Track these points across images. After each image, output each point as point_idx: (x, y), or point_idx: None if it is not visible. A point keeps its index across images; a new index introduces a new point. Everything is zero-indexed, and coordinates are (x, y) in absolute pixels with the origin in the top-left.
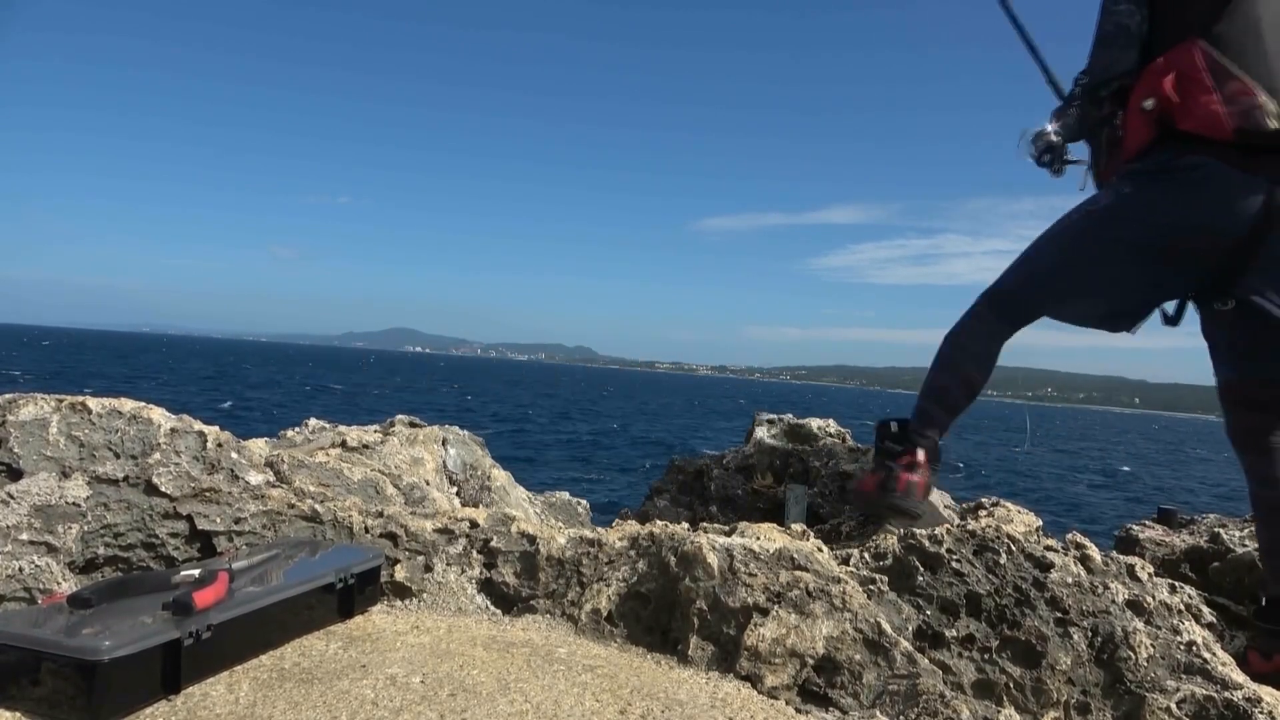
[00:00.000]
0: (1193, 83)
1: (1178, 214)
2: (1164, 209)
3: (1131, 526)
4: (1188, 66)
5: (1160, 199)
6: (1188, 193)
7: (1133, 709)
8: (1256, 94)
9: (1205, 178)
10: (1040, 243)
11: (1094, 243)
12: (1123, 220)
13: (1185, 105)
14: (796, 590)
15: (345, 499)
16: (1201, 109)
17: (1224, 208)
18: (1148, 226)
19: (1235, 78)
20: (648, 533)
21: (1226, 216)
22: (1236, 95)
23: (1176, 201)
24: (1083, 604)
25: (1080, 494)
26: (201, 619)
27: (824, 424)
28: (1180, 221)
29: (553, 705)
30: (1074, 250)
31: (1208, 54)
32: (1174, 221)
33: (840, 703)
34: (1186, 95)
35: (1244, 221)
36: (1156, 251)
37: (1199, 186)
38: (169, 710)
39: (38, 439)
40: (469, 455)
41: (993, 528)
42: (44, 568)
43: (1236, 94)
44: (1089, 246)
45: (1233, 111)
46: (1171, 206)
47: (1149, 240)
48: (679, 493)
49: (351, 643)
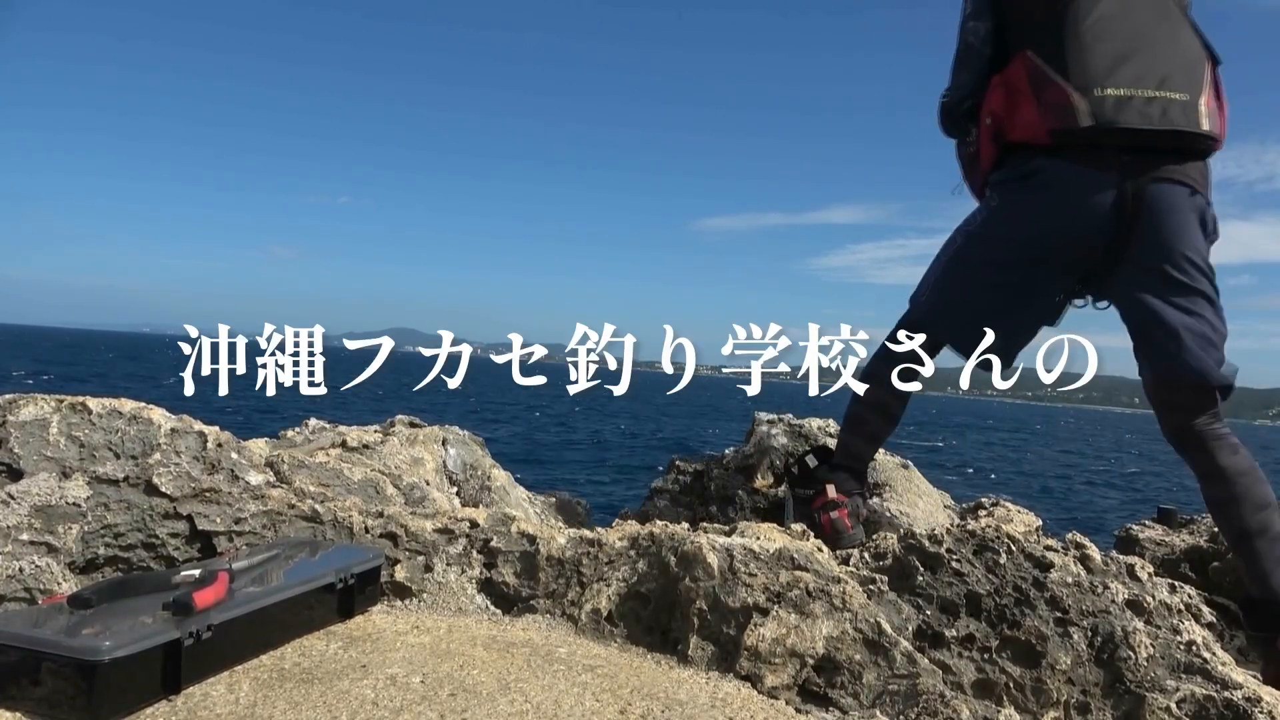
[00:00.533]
0: (1017, 93)
1: (1037, 218)
2: (1024, 216)
3: (1131, 526)
4: (1014, 78)
5: (1018, 206)
6: (1038, 196)
7: (1133, 709)
8: (1070, 95)
9: (1047, 181)
10: (933, 267)
11: (978, 264)
12: (994, 235)
13: (1011, 117)
14: (796, 590)
15: (345, 499)
16: (1024, 118)
17: (1073, 205)
18: (1016, 236)
19: (1053, 82)
20: (648, 533)
21: (1079, 213)
22: (1053, 99)
23: (1031, 206)
24: (1083, 604)
25: (1085, 493)
26: (202, 619)
27: (824, 424)
28: (1040, 224)
29: (553, 705)
30: (963, 275)
31: (1031, 64)
32: (1036, 226)
33: (840, 703)
34: (1012, 107)
35: (1101, 217)
36: (1032, 256)
37: (1045, 190)
38: (169, 710)
39: (38, 439)
40: (469, 455)
41: (993, 528)
42: (44, 568)
43: (1053, 98)
44: (975, 269)
45: (1049, 115)
46: (1029, 212)
47: (1022, 248)
48: (679, 493)
49: (351, 643)
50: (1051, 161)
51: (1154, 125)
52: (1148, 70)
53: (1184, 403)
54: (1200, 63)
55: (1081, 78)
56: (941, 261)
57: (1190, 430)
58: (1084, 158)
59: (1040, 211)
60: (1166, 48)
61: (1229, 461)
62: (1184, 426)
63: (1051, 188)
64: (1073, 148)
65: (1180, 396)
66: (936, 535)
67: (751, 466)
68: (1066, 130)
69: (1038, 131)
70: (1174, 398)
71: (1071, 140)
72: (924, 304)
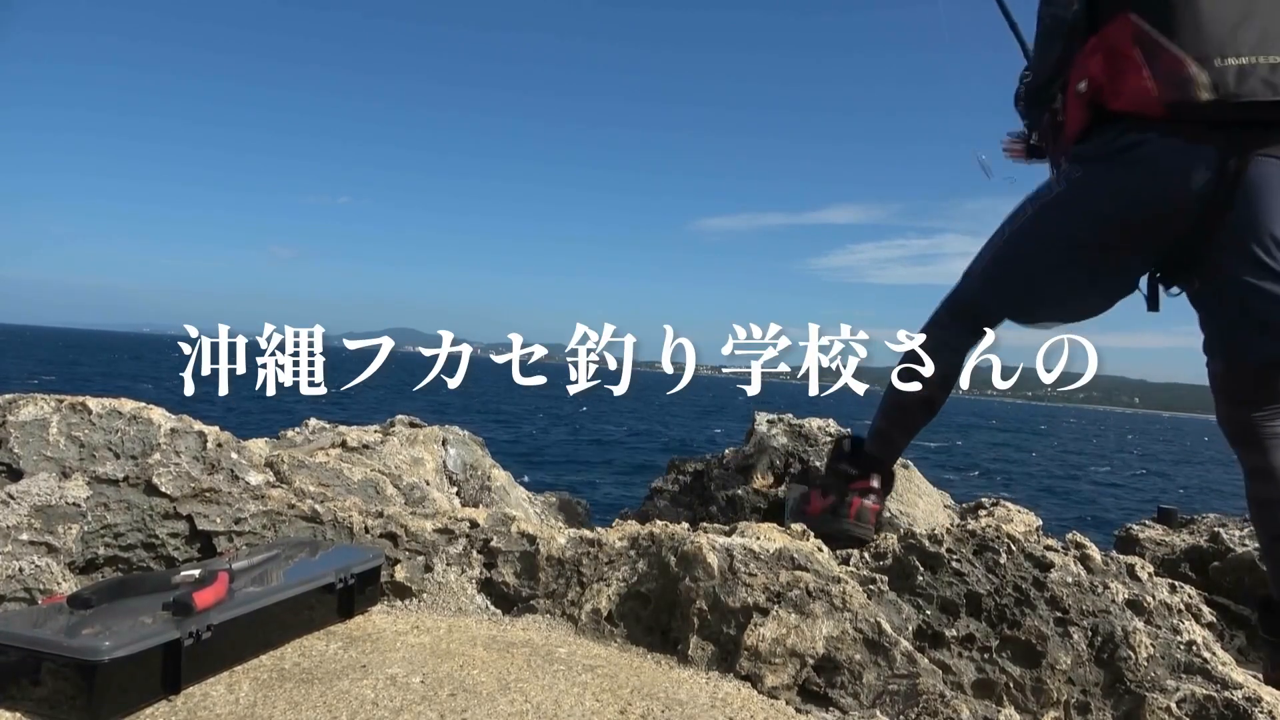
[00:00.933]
0: (1122, 59)
1: (1126, 197)
2: (1110, 193)
3: (1131, 526)
4: (1117, 42)
5: (1105, 183)
6: (1131, 173)
7: (1133, 709)
8: (1187, 66)
9: (1146, 155)
10: (997, 242)
11: (1049, 239)
12: (1072, 211)
13: (1115, 84)
14: (796, 590)
15: (345, 499)
16: (1131, 87)
17: (1171, 184)
18: (1098, 214)
19: (1166, 50)
20: (648, 533)
21: (1175, 192)
22: (1167, 69)
23: (1122, 184)
24: (1083, 604)
25: (1089, 492)
26: (201, 619)
27: (824, 424)
28: (1128, 204)
29: (553, 705)
30: (1030, 249)
31: (1137, 27)
32: (1123, 205)
33: (840, 703)
34: (1116, 73)
35: (1195, 196)
36: (1112, 238)
37: (1141, 165)
38: (169, 710)
39: (38, 439)
40: (469, 455)
41: (993, 527)
42: (44, 568)
43: (1167, 67)
44: (1044, 244)
45: (1163, 86)
46: (1118, 190)
47: (1102, 228)
48: (679, 493)
49: (351, 643)
50: (1155, 135)
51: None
52: (1268, 33)
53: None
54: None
55: (1198, 44)
56: (1005, 234)
57: (1251, 423)
58: (1193, 132)
59: (1133, 188)
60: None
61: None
62: (1247, 419)
63: (1149, 163)
64: (1185, 121)
65: (1255, 384)
66: (936, 535)
67: (751, 466)
68: (1188, 104)
69: (1150, 104)
70: (1247, 387)
71: (1188, 115)
72: (983, 279)
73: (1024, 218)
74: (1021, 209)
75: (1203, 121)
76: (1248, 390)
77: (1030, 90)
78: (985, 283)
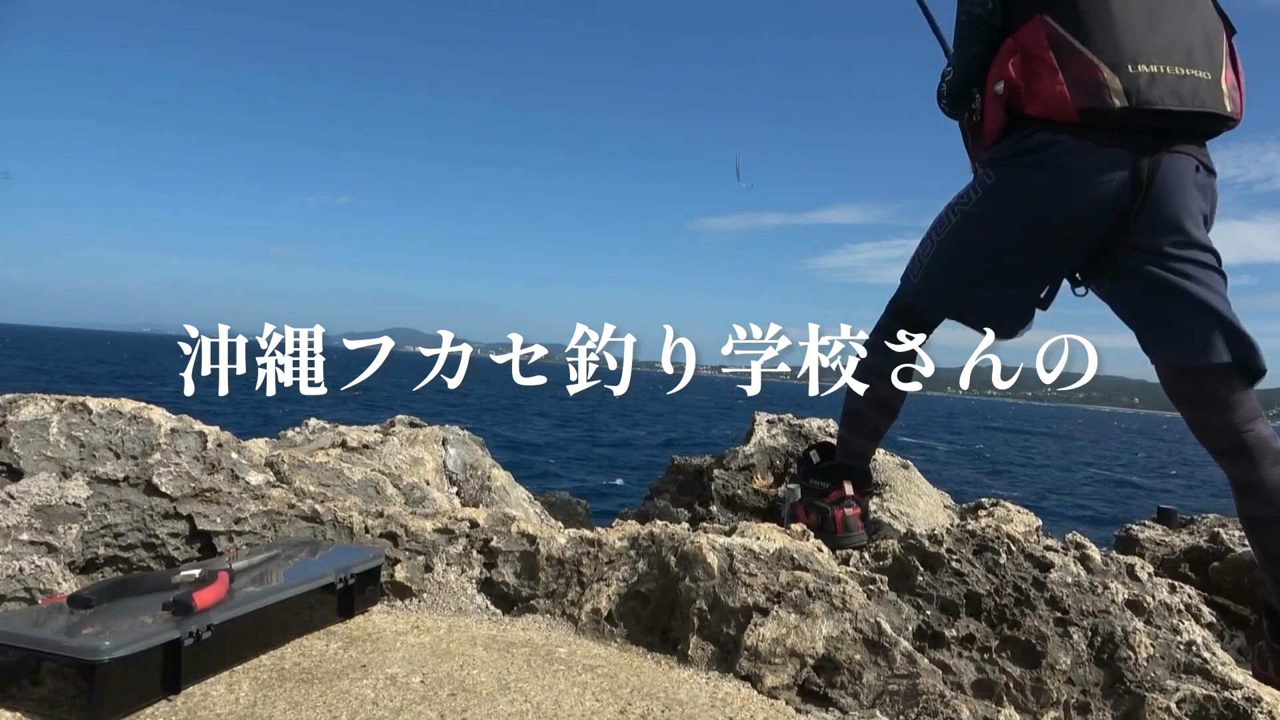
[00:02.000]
0: (1037, 61)
1: (1039, 200)
2: (1025, 196)
3: (1131, 526)
4: (1032, 45)
5: (1019, 186)
6: (1044, 175)
7: (1133, 709)
8: (1100, 71)
9: (1058, 156)
10: (924, 246)
11: (970, 243)
12: (991, 218)
13: (1030, 88)
14: (796, 590)
15: (345, 499)
16: (1046, 91)
17: (1083, 186)
18: (1015, 219)
19: (1079, 54)
20: (648, 533)
21: (1088, 194)
22: (1081, 74)
23: (1035, 186)
24: (1083, 604)
25: (1094, 493)
26: (201, 619)
27: (824, 424)
28: (1042, 206)
29: (553, 705)
30: (957, 257)
31: (1051, 29)
32: (1038, 207)
33: (840, 703)
34: (1031, 76)
35: (1109, 197)
36: (1031, 242)
37: (1053, 166)
38: (169, 710)
39: (38, 439)
40: (469, 455)
41: (993, 528)
42: (44, 568)
43: (1081, 73)
44: (967, 248)
45: (1077, 92)
46: (1031, 193)
47: (1020, 232)
48: (679, 493)
49: (351, 643)
50: (1067, 138)
51: (1187, 106)
52: (1175, 42)
53: (1207, 393)
54: (1218, 33)
55: (1110, 50)
56: (934, 242)
57: (1227, 430)
58: (1105, 137)
59: (1046, 191)
60: (1188, 16)
61: (1272, 474)
62: (1220, 426)
63: (1061, 166)
64: (1097, 127)
65: (1202, 386)
66: (936, 535)
67: (751, 466)
68: (1096, 110)
69: (1064, 109)
70: (1195, 388)
71: (1101, 121)
72: (917, 287)
73: (948, 227)
74: (944, 218)
75: (1114, 127)
76: (1207, 390)
77: (950, 90)
78: (919, 293)
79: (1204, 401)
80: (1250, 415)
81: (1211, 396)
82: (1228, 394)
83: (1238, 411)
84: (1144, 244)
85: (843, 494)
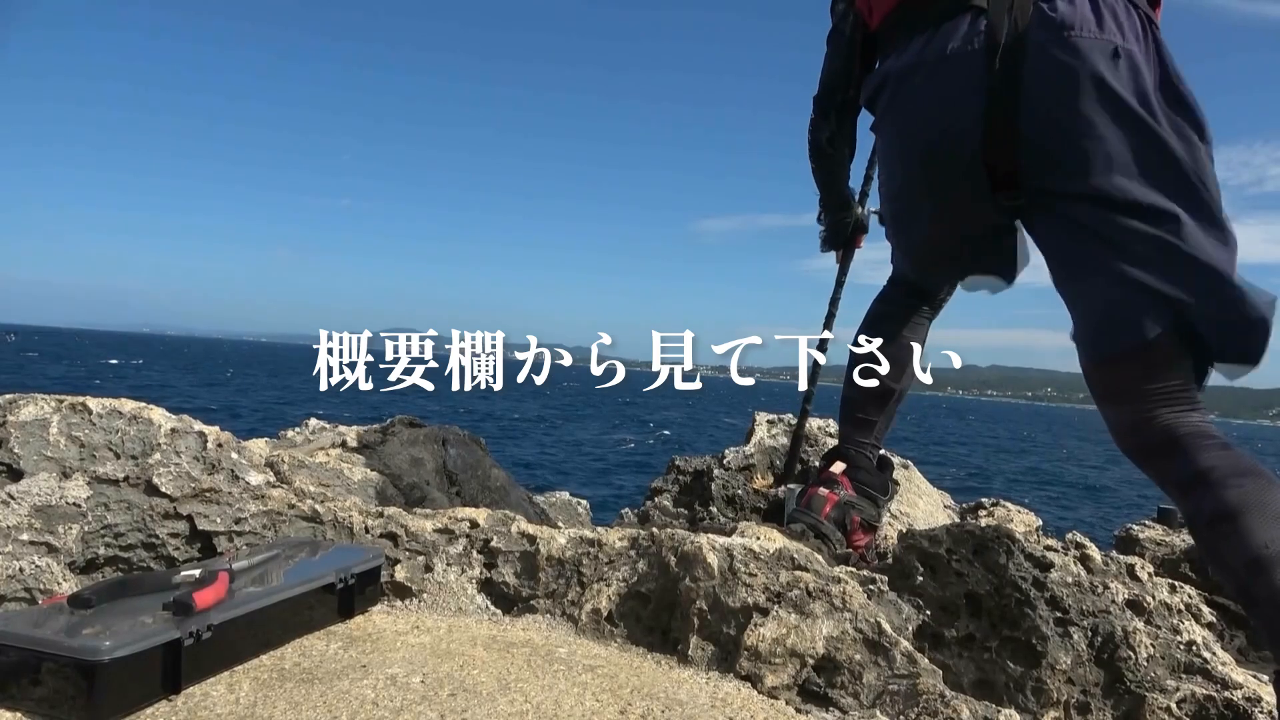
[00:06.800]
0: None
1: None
2: (897, 133)
3: (1131, 526)
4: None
5: (888, 128)
6: (899, 97)
7: (1133, 709)
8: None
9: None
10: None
11: (892, 209)
12: (888, 170)
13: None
14: (796, 590)
15: (345, 499)
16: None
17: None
18: (901, 161)
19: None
20: (648, 533)
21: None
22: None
23: (898, 114)
24: (1083, 604)
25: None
26: (202, 619)
27: (824, 424)
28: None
29: (553, 705)
30: (892, 221)
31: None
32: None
33: (840, 703)
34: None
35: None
36: (925, 177)
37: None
38: (169, 710)
39: (38, 439)
40: (469, 455)
41: (993, 527)
42: (44, 568)
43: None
44: (895, 216)
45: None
46: (898, 124)
47: (911, 172)
48: (679, 493)
49: (352, 643)
50: (901, 40)
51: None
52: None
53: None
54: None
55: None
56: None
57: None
58: (932, 15)
59: (908, 109)
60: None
61: (1217, 460)
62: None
63: (906, 73)
64: (919, 9)
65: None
66: (936, 535)
67: (751, 466)
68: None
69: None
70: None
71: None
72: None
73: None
74: None
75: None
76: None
77: (816, 102)
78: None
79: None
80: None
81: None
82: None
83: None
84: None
85: (830, 474)
